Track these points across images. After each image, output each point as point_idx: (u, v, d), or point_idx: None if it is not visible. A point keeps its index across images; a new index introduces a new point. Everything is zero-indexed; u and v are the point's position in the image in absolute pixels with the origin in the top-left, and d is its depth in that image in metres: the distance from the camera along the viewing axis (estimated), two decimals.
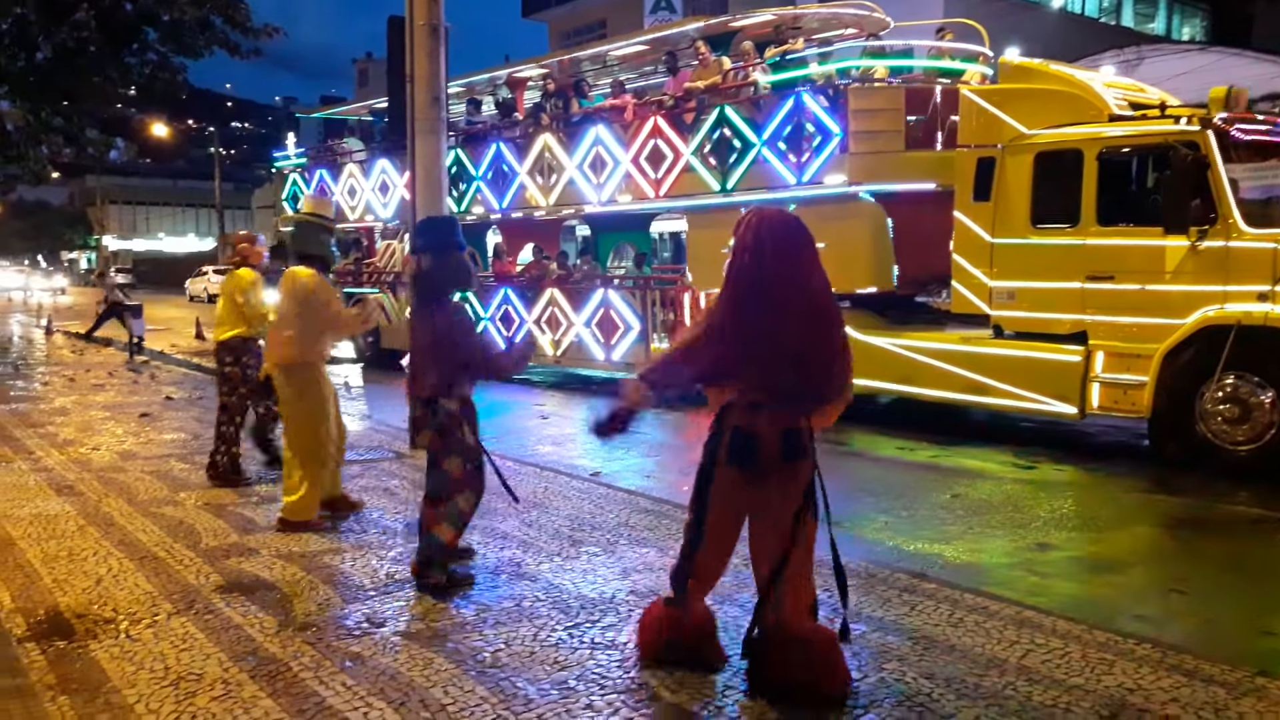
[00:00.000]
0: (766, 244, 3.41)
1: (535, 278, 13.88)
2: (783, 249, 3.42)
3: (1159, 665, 3.76)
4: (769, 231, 3.44)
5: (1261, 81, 16.13)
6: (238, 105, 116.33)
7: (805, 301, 3.41)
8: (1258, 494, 6.93)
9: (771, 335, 3.37)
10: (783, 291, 3.38)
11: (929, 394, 9.31)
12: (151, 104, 32.10)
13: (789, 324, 3.37)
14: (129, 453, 8.23)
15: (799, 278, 3.41)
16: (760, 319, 3.38)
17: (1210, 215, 7.48)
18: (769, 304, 3.37)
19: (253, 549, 5.39)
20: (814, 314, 3.43)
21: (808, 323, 3.40)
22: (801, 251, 3.45)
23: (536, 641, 4.03)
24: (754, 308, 3.39)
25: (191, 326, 21.96)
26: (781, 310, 3.37)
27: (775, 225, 3.47)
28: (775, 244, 3.41)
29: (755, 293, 3.39)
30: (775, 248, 3.41)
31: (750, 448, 3.43)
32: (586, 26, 34.33)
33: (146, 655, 3.90)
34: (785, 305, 3.37)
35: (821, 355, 3.43)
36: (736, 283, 3.46)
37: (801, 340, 3.38)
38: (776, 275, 3.39)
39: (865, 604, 4.44)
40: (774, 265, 3.39)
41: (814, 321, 3.42)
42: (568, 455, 8.54)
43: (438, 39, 8.42)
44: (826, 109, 9.88)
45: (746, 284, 3.42)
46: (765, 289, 3.39)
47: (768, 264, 3.39)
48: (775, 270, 3.39)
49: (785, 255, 3.41)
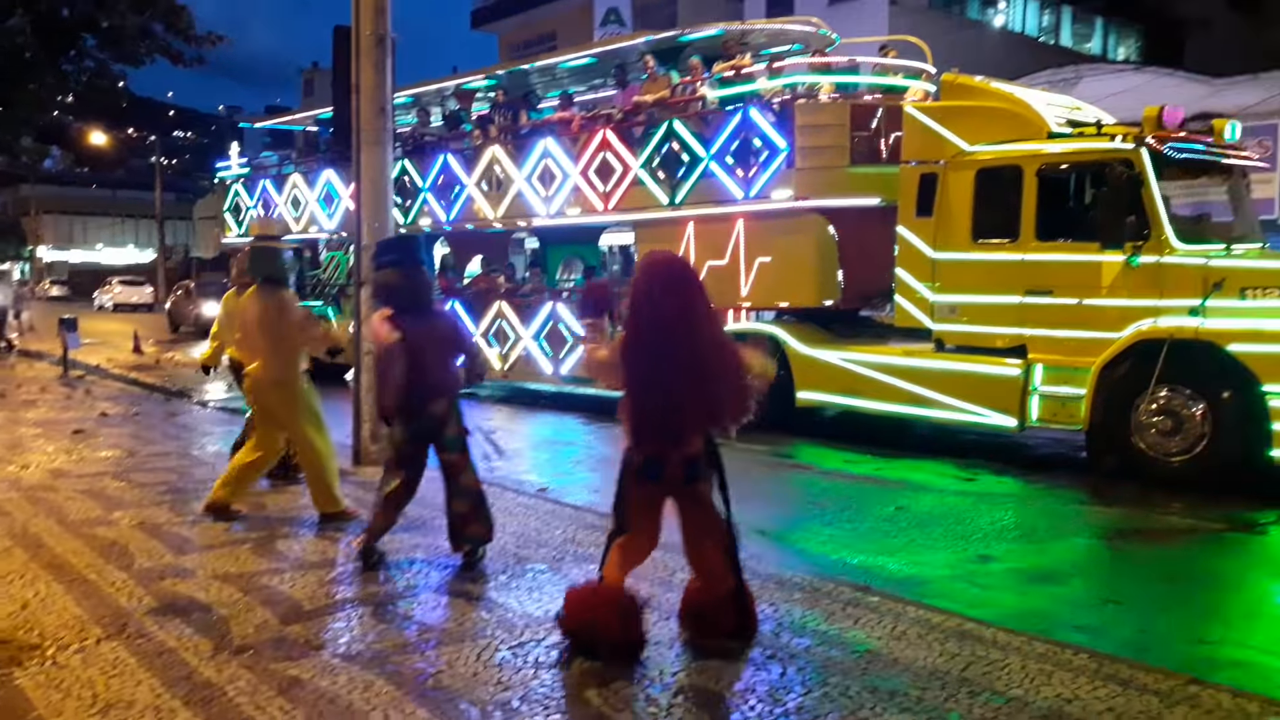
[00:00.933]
0: (656, 291, 3.68)
1: (483, 290, 13.78)
2: (668, 297, 3.68)
3: (1096, 675, 3.82)
4: (657, 279, 3.74)
5: (1193, 101, 16.58)
6: (180, 114, 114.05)
7: (689, 349, 3.68)
8: (1190, 504, 7.09)
9: (658, 381, 3.69)
10: (668, 339, 3.66)
11: (873, 407, 9.41)
12: (90, 112, 31.42)
13: (675, 371, 3.66)
14: (60, 471, 8.01)
15: (684, 325, 3.68)
16: (649, 367, 3.71)
17: (1144, 231, 7.66)
18: (656, 353, 3.68)
19: (188, 570, 5.26)
20: (700, 359, 3.70)
21: (692, 368, 3.68)
22: (686, 298, 3.72)
23: (480, 662, 3.98)
24: (644, 357, 3.71)
25: (129, 340, 21.47)
26: (668, 358, 3.66)
27: (660, 272, 3.77)
28: (662, 292, 3.68)
29: (645, 342, 3.71)
30: (662, 296, 3.68)
31: (654, 470, 3.89)
32: (536, 39, 34.32)
33: (74, 682, 3.78)
34: (671, 354, 3.66)
35: (708, 394, 3.73)
36: (630, 330, 3.79)
37: (685, 385, 3.67)
38: (663, 324, 3.66)
39: (809, 617, 4.45)
40: (661, 314, 3.67)
41: (700, 365, 3.69)
42: (515, 470, 8.48)
43: (384, 49, 8.34)
44: (773, 124, 9.97)
45: (636, 333, 3.76)
46: (652, 338, 3.68)
47: (656, 313, 3.68)
48: (662, 319, 3.66)
49: (671, 303, 3.68)
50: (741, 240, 10.48)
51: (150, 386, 14.20)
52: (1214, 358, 7.30)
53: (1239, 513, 6.90)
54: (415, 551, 5.61)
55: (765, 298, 10.44)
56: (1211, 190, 8.98)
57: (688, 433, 3.80)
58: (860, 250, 9.98)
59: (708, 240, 10.74)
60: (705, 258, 10.71)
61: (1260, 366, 7.10)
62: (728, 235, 10.54)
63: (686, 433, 3.80)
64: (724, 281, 10.49)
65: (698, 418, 3.80)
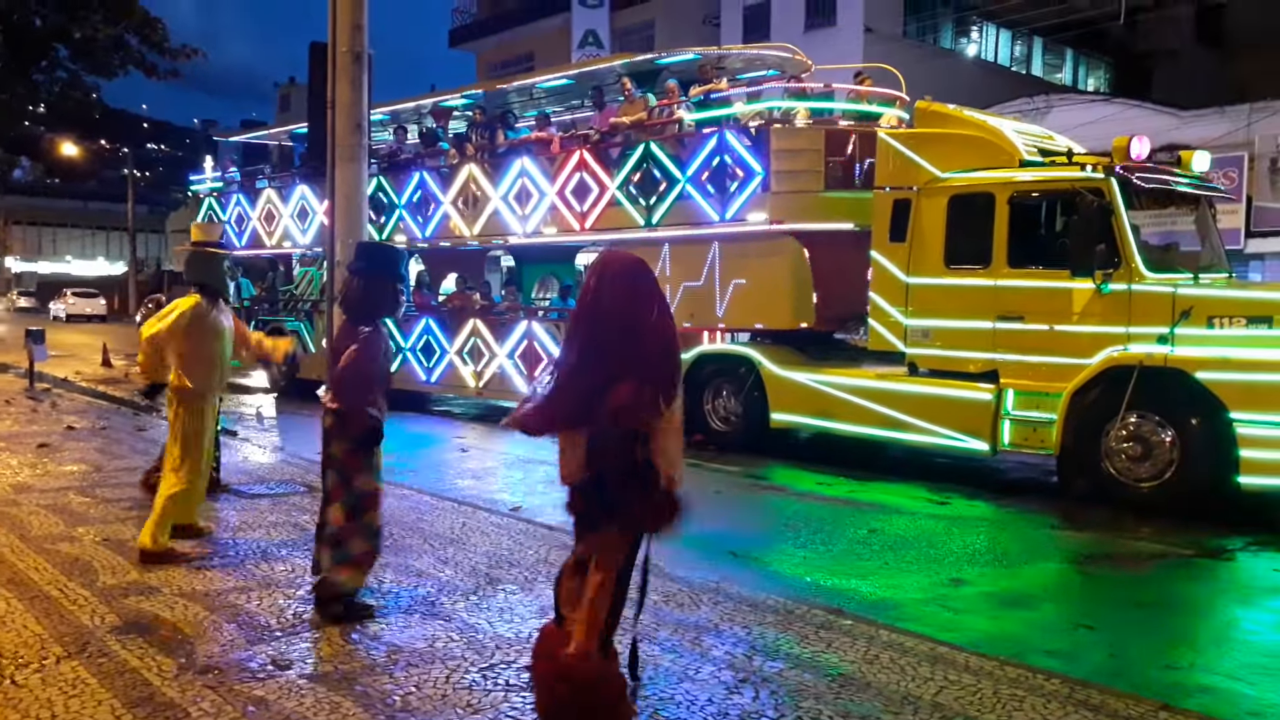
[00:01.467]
0: (603, 291, 3.28)
1: (458, 308, 13.74)
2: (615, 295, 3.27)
3: (1067, 700, 3.83)
4: (606, 278, 3.31)
5: (1161, 132, 16.88)
6: (154, 126, 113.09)
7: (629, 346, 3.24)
8: (1160, 529, 7.15)
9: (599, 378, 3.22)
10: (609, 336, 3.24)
11: (847, 429, 9.45)
12: (62, 123, 31.11)
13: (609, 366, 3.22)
14: (24, 485, 7.86)
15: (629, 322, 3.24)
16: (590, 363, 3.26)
17: (1114, 259, 7.76)
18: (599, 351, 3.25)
19: (154, 587, 5.16)
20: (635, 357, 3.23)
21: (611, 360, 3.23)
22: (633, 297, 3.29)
23: (449, 684, 3.93)
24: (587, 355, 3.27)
25: (98, 353, 21.18)
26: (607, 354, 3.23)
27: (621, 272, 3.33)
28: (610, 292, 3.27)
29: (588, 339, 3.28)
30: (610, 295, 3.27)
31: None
32: (514, 59, 34.39)
33: (33, 703, 3.69)
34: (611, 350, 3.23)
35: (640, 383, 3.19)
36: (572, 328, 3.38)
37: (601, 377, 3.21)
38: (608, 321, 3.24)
39: (782, 640, 4.44)
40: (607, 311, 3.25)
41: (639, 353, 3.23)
42: (487, 489, 8.42)
43: (361, 66, 8.32)
44: (749, 148, 10.04)
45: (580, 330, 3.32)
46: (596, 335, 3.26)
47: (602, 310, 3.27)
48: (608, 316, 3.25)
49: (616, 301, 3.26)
50: (717, 262, 10.52)
51: (118, 400, 13.99)
52: (1183, 385, 7.39)
53: (1208, 538, 6.97)
54: (384, 571, 5.53)
55: (740, 319, 10.47)
56: (1179, 220, 9.12)
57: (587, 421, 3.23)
58: (834, 274, 10.05)
59: (684, 261, 10.77)
60: (681, 279, 10.73)
61: (1227, 394, 7.19)
62: (703, 257, 10.58)
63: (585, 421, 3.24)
64: (700, 303, 10.52)
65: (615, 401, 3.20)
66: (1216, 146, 16.77)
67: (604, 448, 3.23)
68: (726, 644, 4.40)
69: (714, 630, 4.58)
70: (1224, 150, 17.52)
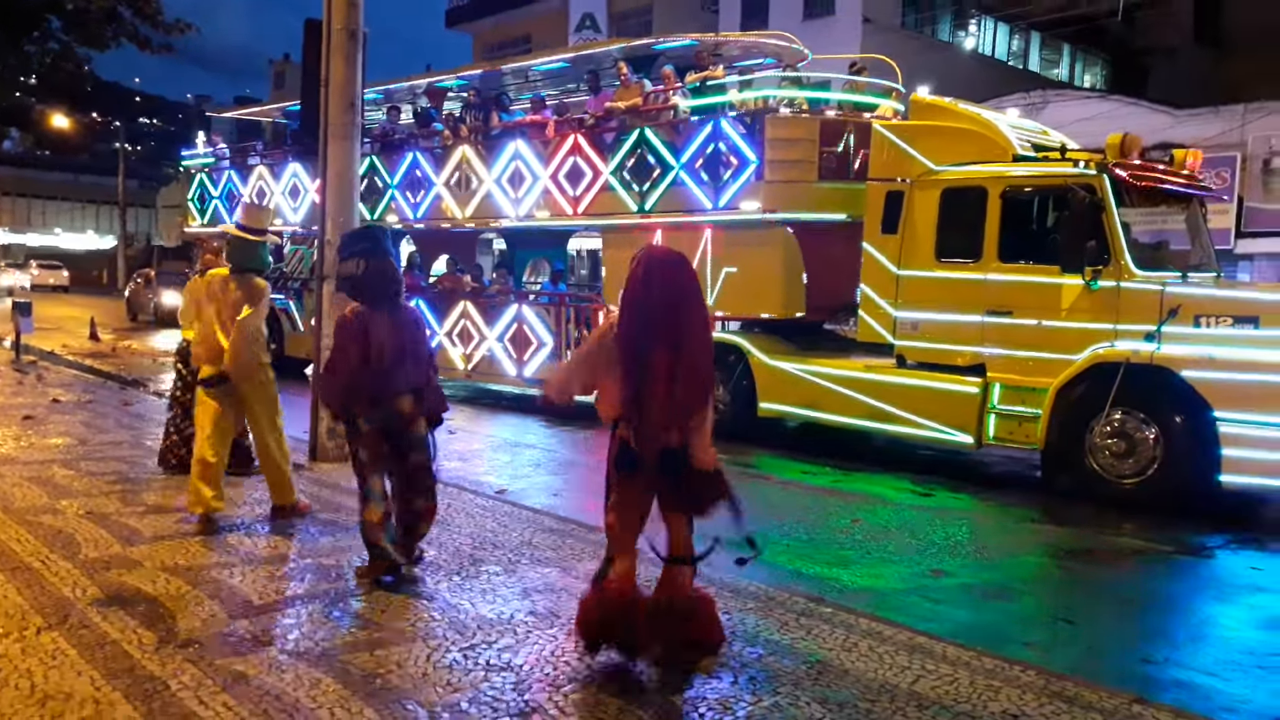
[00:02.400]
0: (655, 280, 3.82)
1: (449, 290, 13.71)
2: (668, 286, 3.83)
3: (1042, 692, 3.86)
4: (658, 268, 3.87)
5: (1155, 131, 16.94)
6: (147, 100, 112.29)
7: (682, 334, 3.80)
8: (1141, 525, 7.20)
9: (650, 363, 3.76)
10: (664, 325, 3.77)
11: (833, 419, 9.47)
12: (53, 94, 30.84)
13: (666, 353, 3.76)
14: (7, 457, 7.83)
15: (681, 313, 3.82)
16: (644, 348, 3.78)
17: (1104, 256, 7.78)
18: (653, 336, 3.77)
19: (136, 561, 5.16)
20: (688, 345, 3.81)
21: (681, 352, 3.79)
22: (685, 288, 3.88)
23: (430, 663, 3.94)
24: (640, 338, 3.79)
25: (85, 326, 21.08)
26: (662, 341, 3.76)
27: (663, 264, 3.90)
28: (662, 281, 3.82)
29: (641, 324, 3.80)
30: (662, 284, 3.81)
31: (630, 458, 3.88)
32: (511, 41, 34.27)
33: (12, 672, 3.70)
34: (666, 337, 3.76)
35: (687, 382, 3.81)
36: (627, 313, 3.88)
37: (672, 368, 3.76)
38: (662, 310, 3.78)
39: (763, 627, 4.46)
40: (659, 300, 3.79)
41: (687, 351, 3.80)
42: (473, 471, 8.42)
43: (355, 43, 8.28)
44: (744, 136, 10.02)
45: (634, 315, 3.84)
46: (650, 322, 3.78)
47: (654, 299, 3.79)
48: (661, 305, 3.79)
49: (670, 292, 3.82)
50: (709, 250, 10.51)
51: (105, 374, 13.94)
52: (1168, 383, 7.43)
53: (1188, 536, 7.02)
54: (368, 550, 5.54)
55: (730, 308, 10.48)
56: (1170, 218, 9.14)
57: (665, 420, 3.79)
58: (826, 264, 10.05)
59: (676, 248, 10.72)
60: None
61: (1212, 393, 7.23)
62: (695, 244, 10.57)
63: (663, 420, 3.79)
64: None
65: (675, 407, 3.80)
66: (1210, 146, 16.83)
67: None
68: None
69: None
70: (1217, 150, 17.59)
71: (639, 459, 3.84)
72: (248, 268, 6.26)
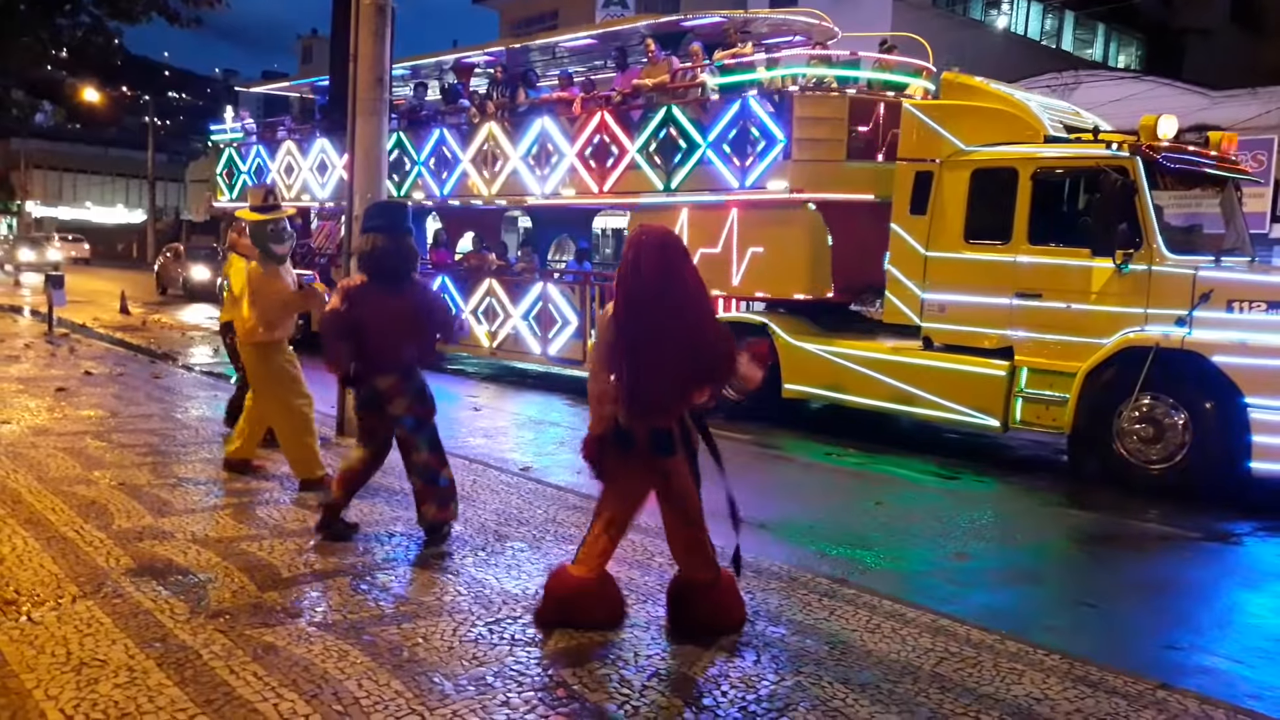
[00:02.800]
0: (642, 263, 3.78)
1: (474, 267, 13.75)
2: (655, 268, 3.78)
3: (1066, 676, 3.86)
4: (645, 250, 3.82)
5: (1190, 112, 16.65)
6: (175, 75, 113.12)
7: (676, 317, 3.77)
8: (1168, 512, 7.15)
9: (646, 347, 3.76)
10: (655, 309, 3.75)
11: (859, 401, 9.44)
12: (83, 68, 31.07)
13: (661, 337, 3.75)
14: (42, 428, 7.96)
15: (671, 295, 3.78)
16: (637, 334, 3.78)
17: (1135, 240, 7.69)
18: (644, 321, 3.77)
19: (168, 532, 5.24)
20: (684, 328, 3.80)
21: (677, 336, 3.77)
22: (674, 268, 3.81)
23: (455, 636, 3.99)
24: (633, 324, 3.79)
25: (116, 300, 21.33)
26: (655, 326, 3.75)
27: (651, 244, 3.84)
28: (649, 263, 3.78)
29: (634, 310, 3.79)
30: (649, 267, 3.77)
31: (624, 438, 3.92)
32: (538, 16, 34.12)
33: (48, 639, 3.77)
34: (658, 321, 3.75)
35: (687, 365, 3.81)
36: (620, 300, 3.86)
37: (668, 351, 3.75)
38: (651, 293, 3.76)
39: (786, 607, 4.48)
40: (649, 284, 3.76)
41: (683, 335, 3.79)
42: (499, 449, 8.48)
43: (384, 18, 8.28)
44: (772, 115, 9.95)
45: (626, 302, 3.83)
46: (641, 307, 3.77)
47: (644, 284, 3.77)
48: (650, 288, 3.76)
49: (659, 273, 3.78)
50: (735, 229, 10.47)
51: (135, 348, 14.11)
52: (1198, 368, 7.35)
53: (1215, 522, 6.97)
54: (395, 525, 5.61)
55: (756, 287, 10.45)
56: (1204, 202, 9.01)
57: (665, 402, 3.86)
58: (853, 245, 9.99)
59: (702, 227, 10.72)
60: (698, 244, 10.68)
61: (1243, 379, 7.15)
62: (722, 223, 10.53)
63: (663, 402, 3.85)
64: (716, 269, 10.48)
65: (678, 388, 3.86)
66: (1246, 128, 16.55)
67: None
68: None
69: None
70: (1254, 132, 17.28)
71: (632, 437, 3.88)
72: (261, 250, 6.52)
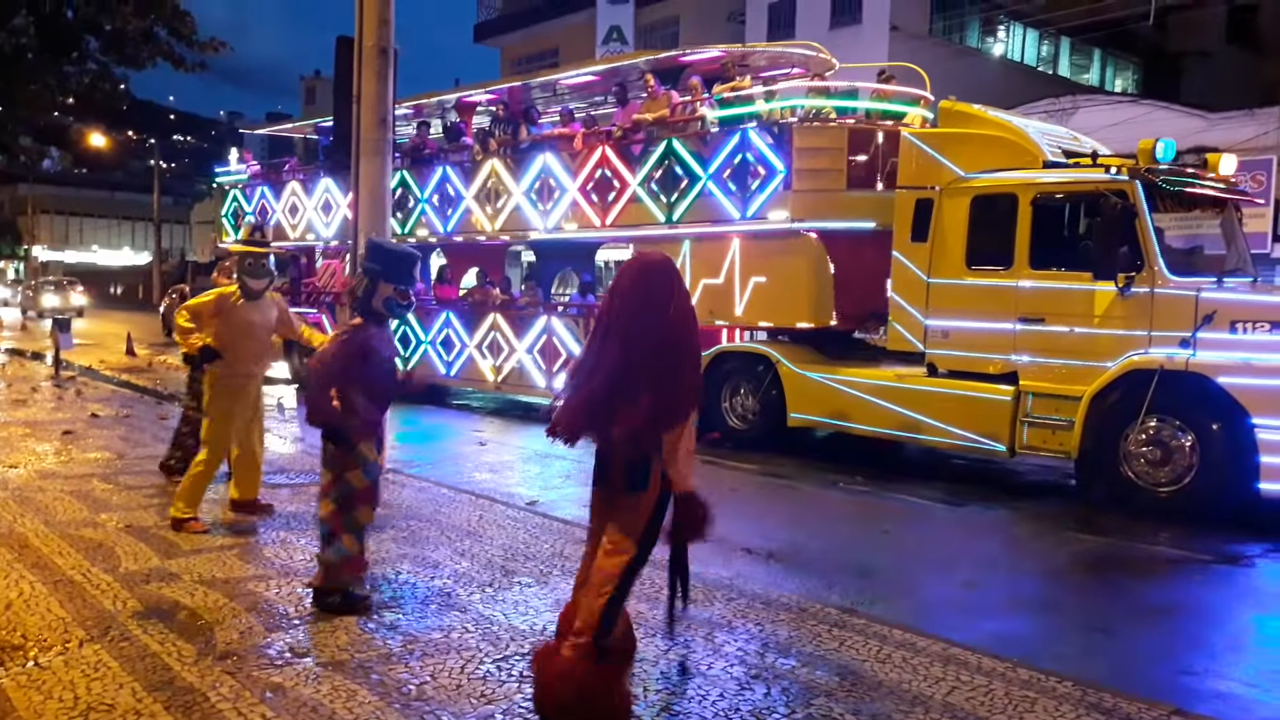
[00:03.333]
0: (618, 287, 3.48)
1: (478, 302, 13.81)
2: (632, 296, 3.43)
3: (1079, 703, 3.83)
4: (625, 275, 3.51)
5: (1188, 135, 16.72)
6: (180, 118, 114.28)
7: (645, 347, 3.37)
8: (1177, 535, 7.10)
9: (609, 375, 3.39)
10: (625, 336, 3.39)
11: (864, 429, 9.43)
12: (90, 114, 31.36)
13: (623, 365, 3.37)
14: (49, 472, 7.98)
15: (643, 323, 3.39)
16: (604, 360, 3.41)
17: (1137, 263, 7.71)
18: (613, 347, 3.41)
19: (174, 574, 5.24)
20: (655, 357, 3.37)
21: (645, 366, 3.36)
22: (649, 298, 3.42)
23: (464, 674, 3.97)
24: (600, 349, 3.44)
25: (122, 342, 21.41)
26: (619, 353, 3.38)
27: (632, 274, 3.50)
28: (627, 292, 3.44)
29: (600, 335, 3.47)
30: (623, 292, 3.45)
31: (602, 470, 3.50)
32: (539, 54, 34.45)
33: (56, 684, 3.77)
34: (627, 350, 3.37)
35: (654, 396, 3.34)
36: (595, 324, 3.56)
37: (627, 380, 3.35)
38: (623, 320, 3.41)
39: (795, 638, 4.45)
40: (619, 309, 3.44)
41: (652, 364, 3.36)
42: (505, 483, 8.47)
43: (386, 60, 8.38)
44: (771, 146, 10.03)
45: (596, 326, 3.53)
46: (611, 333, 3.43)
47: (613, 307, 3.46)
48: (619, 314, 3.43)
49: (628, 299, 3.43)
50: (737, 260, 10.52)
51: (142, 389, 14.15)
52: (1204, 390, 7.33)
53: (1226, 544, 6.92)
54: (401, 562, 5.60)
55: (759, 317, 10.47)
56: (1205, 223, 9.04)
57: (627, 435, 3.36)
58: (855, 273, 10.03)
59: (704, 258, 10.77)
60: (701, 276, 10.75)
61: (1249, 399, 7.13)
62: (724, 254, 10.58)
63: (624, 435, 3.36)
64: (719, 300, 10.52)
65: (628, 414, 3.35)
66: (1245, 149, 16.59)
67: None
68: (739, 640, 4.43)
69: (727, 626, 4.60)
70: (1253, 153, 17.32)
71: (606, 472, 3.49)
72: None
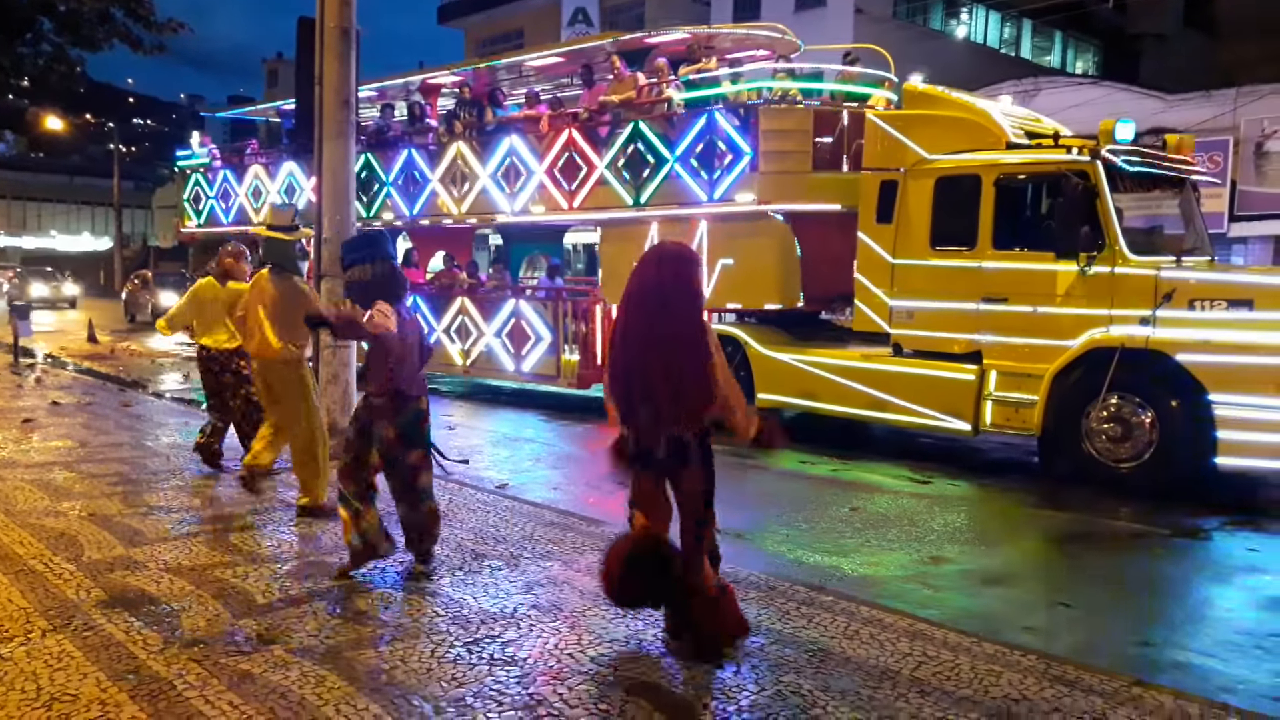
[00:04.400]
0: (646, 277, 3.83)
1: (445, 286, 13.72)
2: (657, 283, 3.81)
3: (1043, 676, 3.89)
4: (651, 265, 3.87)
5: (1148, 115, 16.94)
6: (140, 101, 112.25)
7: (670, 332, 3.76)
8: (1138, 510, 7.23)
9: (639, 363, 3.79)
10: (651, 323, 3.77)
11: (831, 409, 9.50)
12: (46, 96, 30.72)
13: (653, 353, 3.75)
14: (8, 460, 7.85)
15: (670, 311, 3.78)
16: (633, 347, 3.81)
17: (1098, 242, 7.81)
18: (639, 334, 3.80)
19: (139, 562, 5.19)
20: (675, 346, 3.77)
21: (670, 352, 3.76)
22: (670, 285, 3.81)
23: (434, 658, 3.97)
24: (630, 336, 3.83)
25: (84, 329, 21.08)
26: (648, 341, 3.76)
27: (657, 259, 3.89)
28: (653, 278, 3.82)
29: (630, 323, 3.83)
30: (652, 282, 3.81)
31: (640, 455, 3.95)
32: (503, 35, 34.21)
33: (17, 675, 3.72)
34: (652, 336, 3.76)
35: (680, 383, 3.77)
36: (621, 312, 3.92)
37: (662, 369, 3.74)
38: (653, 307, 3.77)
39: (765, 616, 4.49)
40: (650, 298, 3.78)
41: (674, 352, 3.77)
42: (474, 467, 8.44)
43: (349, 42, 8.28)
44: (737, 128, 10.02)
45: (625, 314, 3.88)
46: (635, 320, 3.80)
47: (645, 297, 3.80)
48: (651, 303, 3.78)
49: (657, 289, 3.80)
50: (704, 242, 10.53)
51: (104, 376, 13.96)
52: (1163, 367, 7.46)
53: (1185, 518, 7.06)
54: None
55: (727, 299, 10.50)
56: (1164, 203, 9.16)
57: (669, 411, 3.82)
58: (821, 254, 10.06)
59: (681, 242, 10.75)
60: None
61: (1207, 376, 7.26)
62: (691, 237, 10.58)
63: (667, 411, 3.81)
64: None
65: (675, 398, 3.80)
66: (1202, 130, 16.84)
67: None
68: None
69: None
70: (1210, 134, 17.58)
71: (648, 453, 3.89)
72: (284, 267, 6.50)
